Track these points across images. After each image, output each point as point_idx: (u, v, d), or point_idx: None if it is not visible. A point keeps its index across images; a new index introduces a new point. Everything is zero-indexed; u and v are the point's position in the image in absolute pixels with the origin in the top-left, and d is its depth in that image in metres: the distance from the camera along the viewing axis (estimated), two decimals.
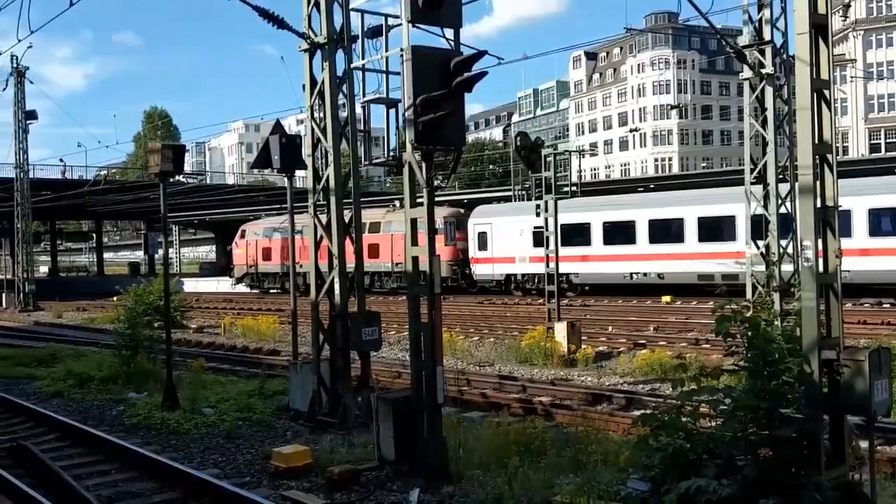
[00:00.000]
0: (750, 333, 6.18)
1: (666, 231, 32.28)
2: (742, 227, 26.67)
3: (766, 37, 15.28)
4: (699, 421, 6.47)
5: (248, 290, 51.12)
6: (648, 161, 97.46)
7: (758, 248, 15.97)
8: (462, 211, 40.94)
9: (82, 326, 32.22)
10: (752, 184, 15.91)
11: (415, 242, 9.34)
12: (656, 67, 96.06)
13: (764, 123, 15.59)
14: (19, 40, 13.91)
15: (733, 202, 28.31)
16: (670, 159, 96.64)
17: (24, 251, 44.74)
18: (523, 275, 37.07)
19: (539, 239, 35.19)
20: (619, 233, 33.11)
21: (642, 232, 32.76)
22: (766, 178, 15.69)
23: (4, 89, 40.83)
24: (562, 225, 34.70)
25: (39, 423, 12.71)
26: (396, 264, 39.93)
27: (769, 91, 15.41)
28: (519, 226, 35.81)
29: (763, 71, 15.33)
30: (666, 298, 30.01)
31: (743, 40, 15.66)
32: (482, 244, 37.98)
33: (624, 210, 33.43)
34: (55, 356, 20.16)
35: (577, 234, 33.48)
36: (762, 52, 15.33)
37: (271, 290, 49.84)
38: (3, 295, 45.56)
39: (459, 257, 39.38)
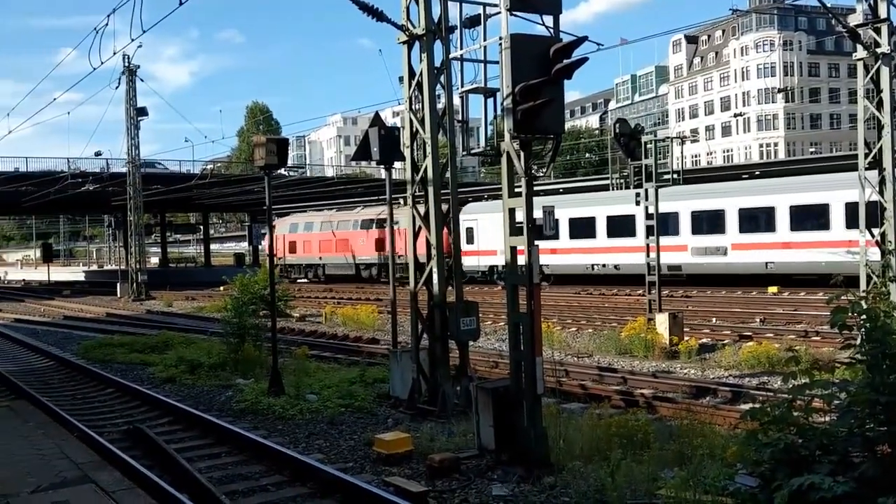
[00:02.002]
0: (868, 325, 5.90)
1: (621, 225, 34.86)
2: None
3: (882, 14, 14.52)
4: (812, 416, 6.23)
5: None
6: (753, 147, 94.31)
7: (872, 236, 15.24)
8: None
9: (191, 315, 33.44)
10: (866, 169, 15.18)
11: (514, 232, 9.32)
12: (761, 49, 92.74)
13: (879, 105, 14.85)
14: (132, 40, 14.49)
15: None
16: (776, 145, 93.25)
17: (137, 243, 46.73)
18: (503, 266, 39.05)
19: (516, 234, 37.67)
20: (582, 228, 35.73)
21: (601, 227, 35.77)
22: (881, 163, 14.95)
23: (117, 87, 42.62)
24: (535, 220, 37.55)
25: (154, 408, 13.30)
26: (399, 256, 41.43)
27: (885, 71, 14.66)
28: (500, 221, 36.96)
29: (878, 50, 14.59)
30: (773, 289, 29.01)
31: (856, 19, 14.94)
32: (469, 238, 40.42)
33: (584, 207, 36.35)
34: (167, 343, 21.03)
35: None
36: (877, 31, 14.59)
37: (298, 280, 52.17)
38: (118, 285, 47.64)
39: (450, 250, 41.42)
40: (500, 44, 8.67)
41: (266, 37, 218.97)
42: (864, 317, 5.95)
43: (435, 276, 12.28)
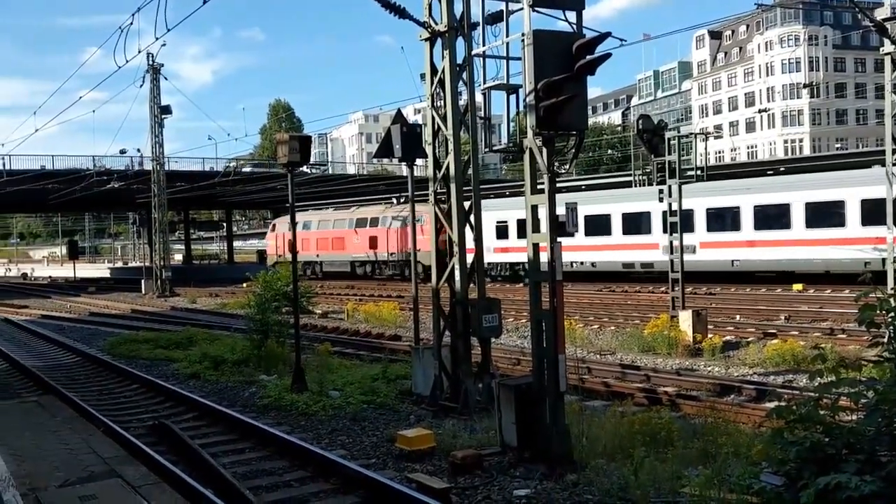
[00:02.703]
0: None
1: (598, 225, 36.13)
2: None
3: None
4: (838, 414, 6.16)
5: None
6: (777, 143, 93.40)
7: None
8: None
9: (215, 311, 33.69)
10: (894, 164, 14.99)
11: (536, 229, 9.30)
12: (786, 45, 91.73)
13: None
14: (156, 38, 14.61)
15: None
16: (801, 141, 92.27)
17: (161, 240, 47.13)
18: (488, 263, 42.20)
19: (500, 232, 40.92)
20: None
21: (580, 226, 38.00)
22: None
23: (141, 86, 43.03)
24: (519, 220, 39.71)
25: (178, 403, 13.42)
26: (391, 254, 47.32)
27: None
28: (486, 220, 39.44)
29: None
30: (797, 286, 28.74)
31: (883, 12, 14.78)
32: None
33: (562, 208, 38.99)
34: (191, 339, 21.23)
35: (522, 228, 39.83)
36: None
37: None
38: (143, 281, 48.07)
39: (441, 248, 44.10)
40: (523, 40, 8.65)
41: (287, 35, 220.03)
42: (892, 314, 5.88)
43: (457, 273, 12.29)
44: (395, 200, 51.29)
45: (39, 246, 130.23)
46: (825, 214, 28.91)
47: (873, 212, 26.09)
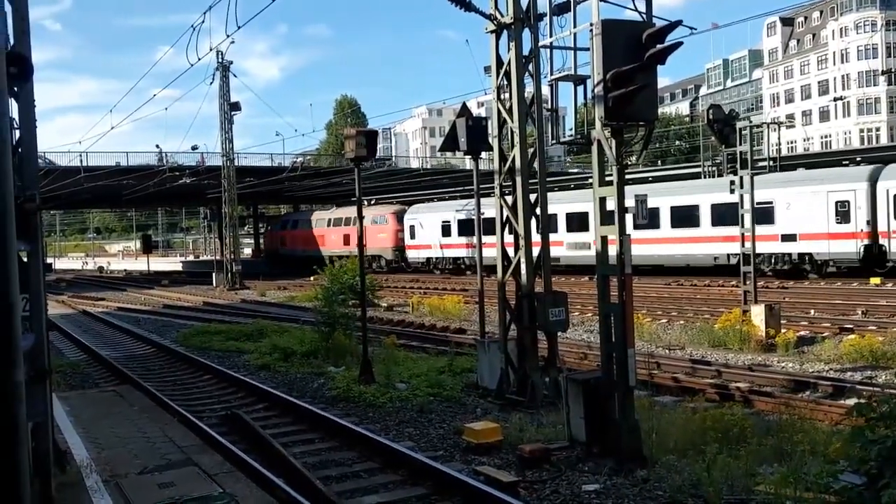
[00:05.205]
0: None
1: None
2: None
3: None
4: None
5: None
6: (853, 132, 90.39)
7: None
8: (406, 208, 52.03)
9: (284, 304, 34.18)
10: None
11: (604, 222, 9.20)
12: (862, 30, 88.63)
13: None
14: (227, 36, 14.88)
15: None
16: (877, 129, 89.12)
17: (231, 234, 48.06)
18: (437, 258, 48.01)
19: (445, 230, 46.67)
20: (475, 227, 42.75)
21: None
22: None
23: (211, 83, 43.92)
24: (459, 220, 45.34)
25: (249, 394, 13.71)
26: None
27: None
28: (434, 220, 46.85)
29: None
30: (875, 280, 27.85)
31: None
32: (412, 234, 49.41)
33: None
34: (261, 331, 21.61)
35: (466, 227, 43.79)
36: None
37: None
38: (214, 275, 49.07)
39: (400, 244, 50.43)
40: (591, 30, 8.55)
41: (353, 30, 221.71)
42: None
43: (523, 267, 12.25)
44: (365, 202, 53.28)
45: (115, 240, 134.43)
46: (684, 217, 34.52)
47: (721, 214, 31.86)
